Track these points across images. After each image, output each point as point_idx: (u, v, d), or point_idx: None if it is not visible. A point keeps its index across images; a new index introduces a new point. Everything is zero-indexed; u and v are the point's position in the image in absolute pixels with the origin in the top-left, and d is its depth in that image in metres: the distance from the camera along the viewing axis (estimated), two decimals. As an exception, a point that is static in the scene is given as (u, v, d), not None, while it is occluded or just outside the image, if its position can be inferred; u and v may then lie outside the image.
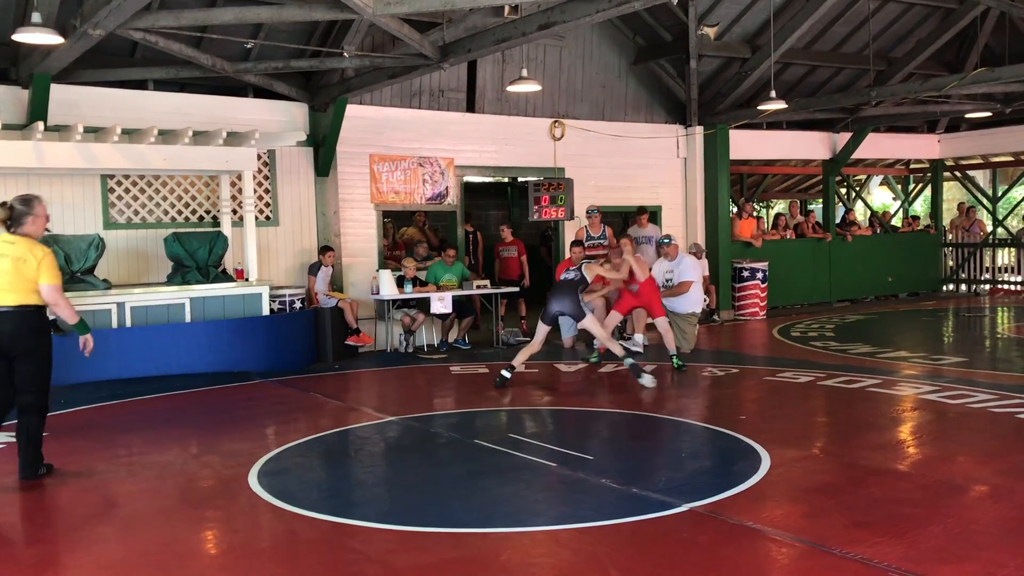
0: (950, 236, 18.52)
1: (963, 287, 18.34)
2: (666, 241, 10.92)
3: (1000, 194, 19.88)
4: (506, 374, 8.74)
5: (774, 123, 15.48)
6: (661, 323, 9.86)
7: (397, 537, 4.55)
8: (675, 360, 9.57)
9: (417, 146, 12.04)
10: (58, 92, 9.34)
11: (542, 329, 9.06)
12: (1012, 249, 18.13)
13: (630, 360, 8.74)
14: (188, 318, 9.60)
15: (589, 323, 8.97)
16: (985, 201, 19.64)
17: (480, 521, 4.72)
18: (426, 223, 14.01)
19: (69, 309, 5.81)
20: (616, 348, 8.98)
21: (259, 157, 10.57)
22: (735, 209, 15.94)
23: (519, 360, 8.89)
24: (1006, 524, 4.53)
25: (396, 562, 4.21)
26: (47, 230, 5.86)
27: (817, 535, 4.37)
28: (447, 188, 12.30)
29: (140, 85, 10.36)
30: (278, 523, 4.91)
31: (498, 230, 13.70)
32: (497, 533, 4.54)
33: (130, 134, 9.45)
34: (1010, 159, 19.30)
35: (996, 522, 4.58)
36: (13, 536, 4.92)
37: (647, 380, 8.50)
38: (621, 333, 11.29)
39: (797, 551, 4.25)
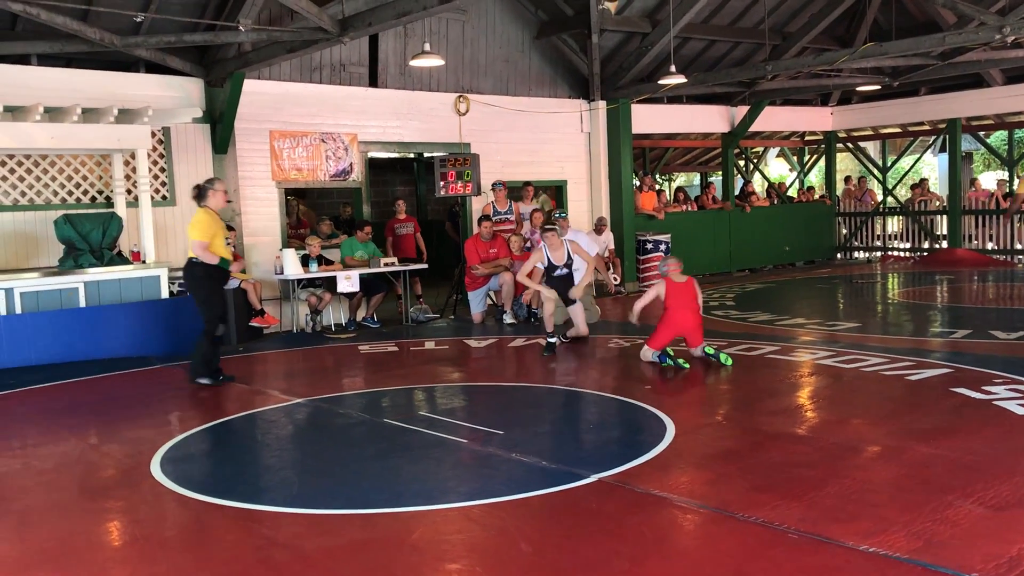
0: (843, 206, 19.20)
1: (856, 255, 19.05)
2: (561, 215, 10.89)
3: (889, 164, 20.67)
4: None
5: (674, 97, 15.72)
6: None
7: (306, 521, 4.50)
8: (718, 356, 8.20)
9: (319, 122, 11.82)
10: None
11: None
12: (900, 217, 18.90)
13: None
14: (83, 303, 9.25)
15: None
16: (875, 171, 20.40)
17: (390, 501, 4.70)
18: (300, 208, 13.78)
19: (206, 254, 7.65)
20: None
21: (153, 134, 10.21)
22: (637, 183, 16.19)
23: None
24: (896, 483, 4.74)
25: (306, 546, 4.17)
26: (228, 201, 8.01)
27: (721, 500, 4.50)
28: (351, 164, 12.12)
29: (24, 60, 9.88)
30: (183, 511, 4.80)
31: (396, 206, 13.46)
32: (408, 512, 4.53)
33: (13, 111, 9.00)
34: (898, 130, 20.09)
35: (887, 481, 4.79)
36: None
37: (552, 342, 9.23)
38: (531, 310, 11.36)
39: (702, 517, 4.37)
